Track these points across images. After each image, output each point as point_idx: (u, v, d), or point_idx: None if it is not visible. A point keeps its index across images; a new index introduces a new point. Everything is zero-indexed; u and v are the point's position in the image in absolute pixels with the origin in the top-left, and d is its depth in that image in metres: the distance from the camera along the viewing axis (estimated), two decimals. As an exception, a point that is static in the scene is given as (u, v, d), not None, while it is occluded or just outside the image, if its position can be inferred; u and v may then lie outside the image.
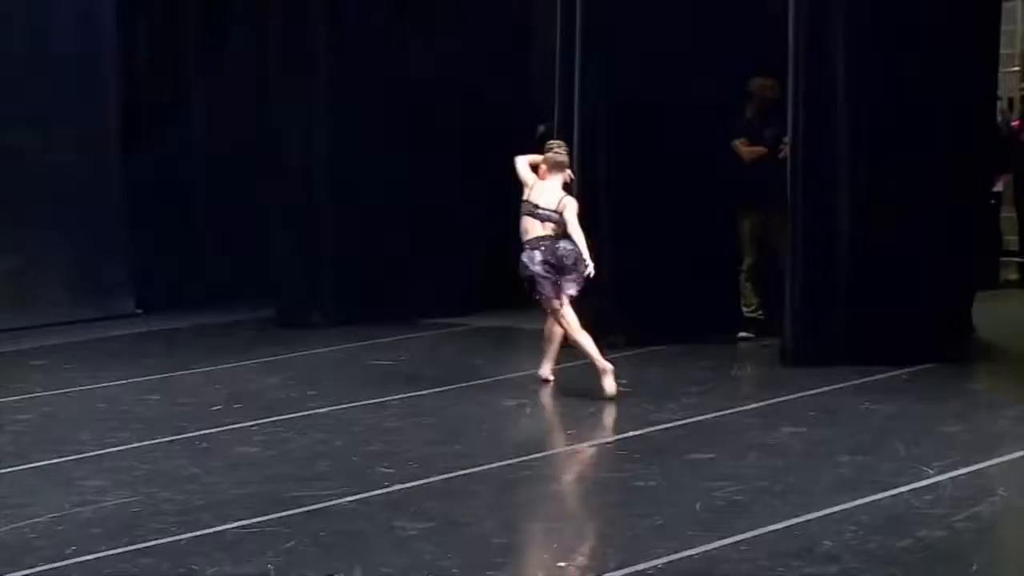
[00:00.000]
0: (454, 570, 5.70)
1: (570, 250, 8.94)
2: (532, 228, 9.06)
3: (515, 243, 12.72)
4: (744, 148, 10.85)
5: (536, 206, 9.07)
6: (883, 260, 9.76)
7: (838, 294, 9.83)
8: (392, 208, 12.35)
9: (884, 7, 9.74)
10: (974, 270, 11.06)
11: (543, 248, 8.97)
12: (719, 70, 10.78)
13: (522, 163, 9.31)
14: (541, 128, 13.29)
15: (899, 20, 9.73)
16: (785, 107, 10.20)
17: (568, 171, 9.26)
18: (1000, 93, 13.41)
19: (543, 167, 9.17)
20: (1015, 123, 14.86)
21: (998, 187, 13.79)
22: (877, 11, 9.73)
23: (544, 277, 8.93)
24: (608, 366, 8.89)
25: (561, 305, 8.96)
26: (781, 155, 10.49)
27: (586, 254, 8.90)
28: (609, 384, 8.82)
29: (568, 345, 9.24)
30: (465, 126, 12.63)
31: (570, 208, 9.00)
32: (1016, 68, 15.95)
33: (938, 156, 9.90)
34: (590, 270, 8.92)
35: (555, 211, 9.00)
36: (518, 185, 12.53)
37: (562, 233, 8.96)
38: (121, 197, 12.97)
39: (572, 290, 8.98)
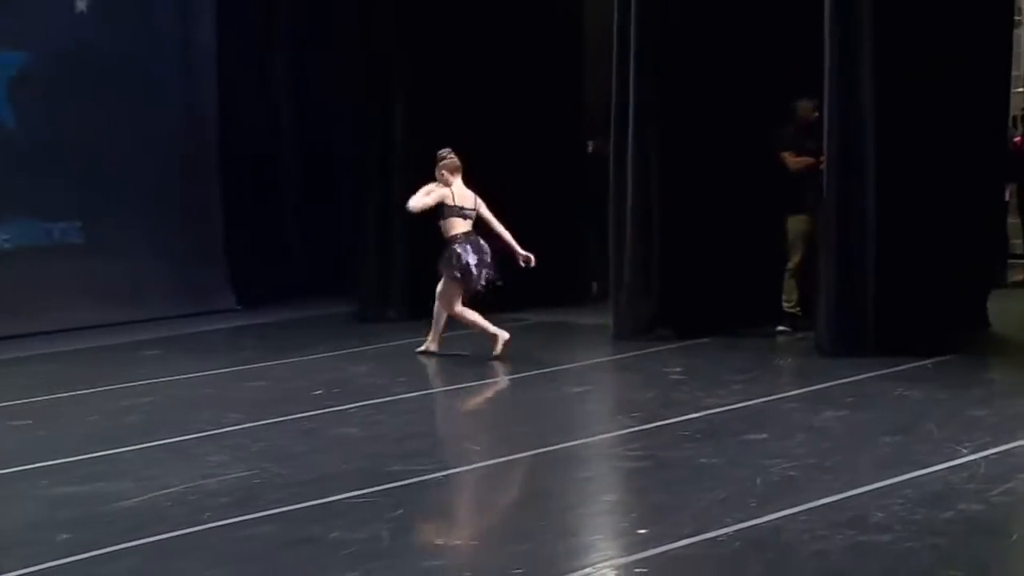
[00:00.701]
0: (545, 537, 5.76)
1: (486, 245, 9.87)
2: (458, 226, 9.84)
3: (563, 245, 12.92)
4: (791, 159, 10.87)
5: (463, 208, 9.89)
6: (908, 260, 9.72)
7: (867, 292, 9.77)
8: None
9: (908, 33, 9.70)
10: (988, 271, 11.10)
11: (472, 243, 9.81)
12: (762, 87, 10.82)
13: (419, 196, 10.00)
14: (590, 145, 13.42)
15: (922, 44, 9.70)
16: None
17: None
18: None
19: (446, 174, 9.93)
20: (1017, 139, 14.79)
21: (1005, 196, 13.76)
22: (902, 37, 9.68)
23: (476, 266, 9.73)
24: (504, 333, 9.79)
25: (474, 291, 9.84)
26: (822, 166, 10.54)
27: (517, 246, 9.98)
28: (500, 348, 9.74)
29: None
30: (520, 139, 12.65)
31: (482, 205, 9.95)
32: (1021, 89, 15.88)
33: (957, 167, 9.91)
34: (532, 261, 9.98)
35: (473, 209, 9.90)
36: (559, 193, 12.76)
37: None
38: (219, 204, 13.10)
39: (488, 279, 9.86)
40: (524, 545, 5.58)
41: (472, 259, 9.74)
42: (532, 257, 9.98)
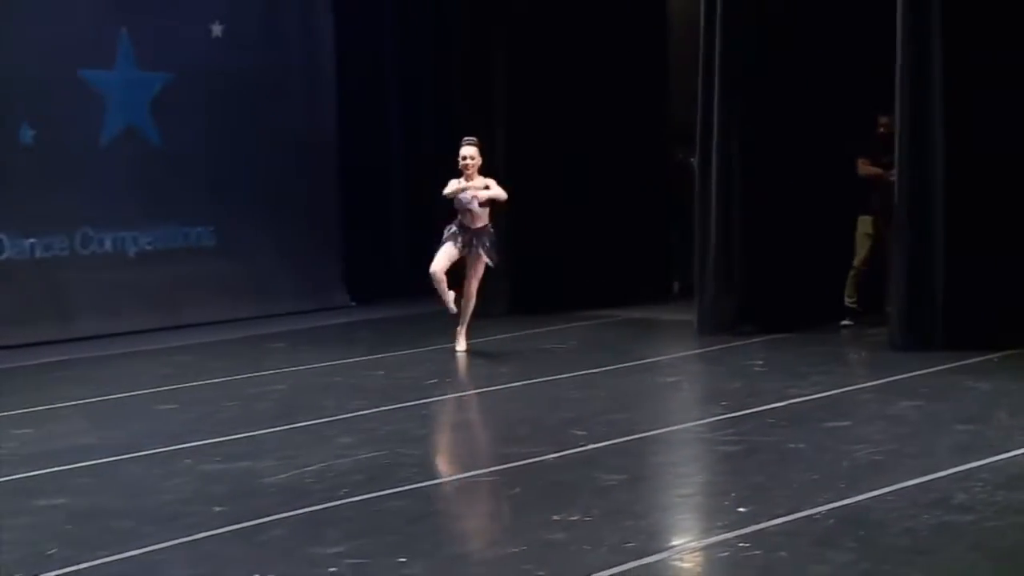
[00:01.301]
0: (654, 513, 5.80)
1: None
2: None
3: (647, 248, 12.92)
4: (864, 166, 10.82)
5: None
6: (974, 261, 9.62)
7: (936, 289, 9.69)
8: (553, 219, 12.48)
9: (974, 51, 9.62)
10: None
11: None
12: (835, 102, 10.76)
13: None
14: (680, 155, 13.42)
15: (988, 56, 9.59)
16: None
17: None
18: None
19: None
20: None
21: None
22: (970, 53, 9.61)
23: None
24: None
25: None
26: (892, 178, 10.50)
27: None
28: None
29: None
30: (609, 149, 12.65)
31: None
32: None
33: (1018, 171, 9.81)
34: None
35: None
36: (643, 199, 12.75)
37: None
38: (337, 209, 13.23)
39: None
40: (634, 521, 5.60)
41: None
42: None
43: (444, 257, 9.76)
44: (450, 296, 9.80)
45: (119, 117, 11.81)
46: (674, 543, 5.18)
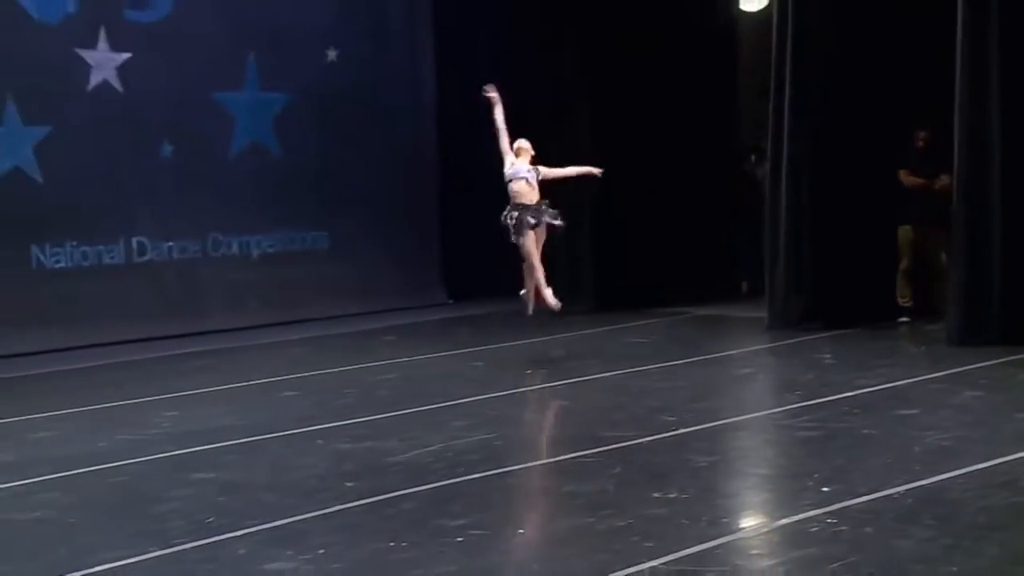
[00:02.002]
0: (744, 492, 5.83)
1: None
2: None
3: (719, 250, 12.89)
4: (906, 177, 10.77)
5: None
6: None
7: (992, 288, 9.56)
8: (633, 225, 12.50)
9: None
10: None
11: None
12: (888, 117, 10.70)
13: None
14: (753, 159, 13.38)
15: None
16: (936, 150, 10.20)
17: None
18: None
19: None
20: None
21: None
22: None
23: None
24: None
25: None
26: (937, 187, 10.44)
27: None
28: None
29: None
30: (682, 159, 12.63)
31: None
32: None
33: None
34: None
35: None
36: (715, 205, 12.72)
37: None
38: (436, 215, 13.32)
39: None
40: (726, 499, 5.66)
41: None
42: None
43: (531, 245, 9.26)
44: (531, 300, 9.54)
45: (245, 133, 12.01)
46: (767, 519, 5.19)
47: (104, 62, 10.95)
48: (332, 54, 12.43)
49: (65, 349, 10.47)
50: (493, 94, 9.36)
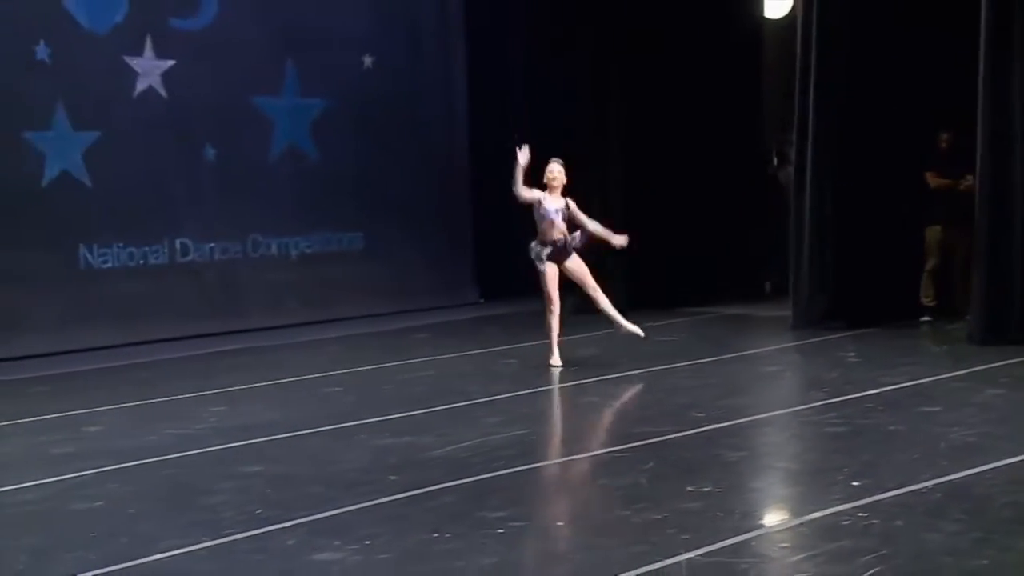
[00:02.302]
0: (775, 486, 5.84)
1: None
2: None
3: (742, 251, 12.88)
4: (932, 179, 10.76)
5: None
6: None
7: (1013, 288, 9.58)
8: (660, 227, 12.48)
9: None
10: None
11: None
12: (912, 121, 10.68)
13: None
14: (775, 162, 13.40)
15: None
16: (960, 152, 10.18)
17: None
18: None
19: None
20: None
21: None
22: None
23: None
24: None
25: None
26: (963, 187, 10.42)
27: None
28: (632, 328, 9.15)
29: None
30: (707, 163, 12.64)
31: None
32: None
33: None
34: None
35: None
36: (739, 207, 12.68)
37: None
38: (468, 217, 13.37)
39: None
40: (758, 492, 5.68)
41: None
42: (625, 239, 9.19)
43: (552, 281, 9.05)
44: (556, 346, 9.13)
45: (284, 138, 12.05)
46: (799, 512, 5.21)
47: (150, 69, 11.04)
48: (368, 61, 12.48)
49: (112, 346, 10.58)
50: (523, 155, 8.97)
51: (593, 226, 9.15)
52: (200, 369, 9.81)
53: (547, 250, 9.01)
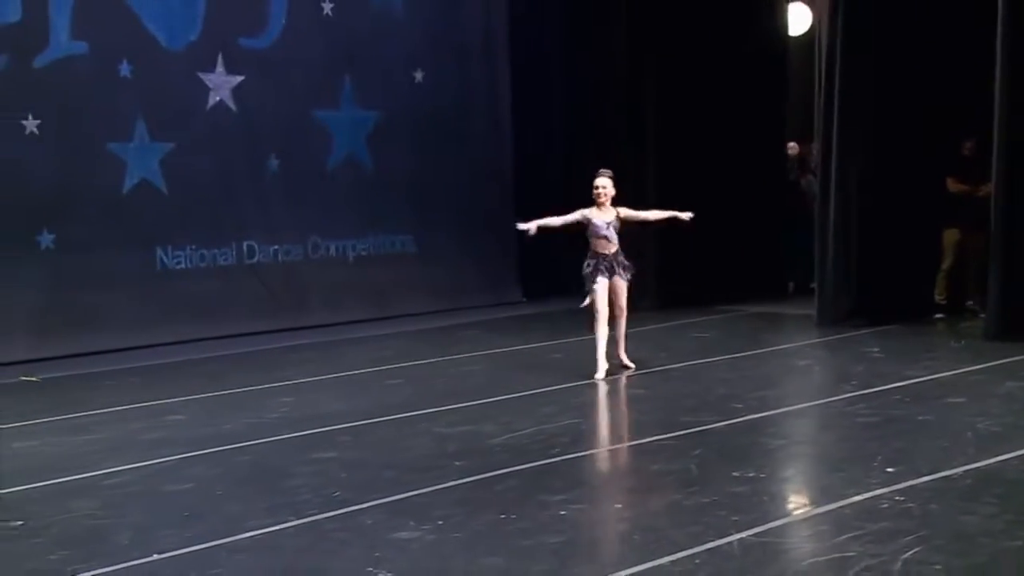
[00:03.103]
0: (815, 472, 5.85)
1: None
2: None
3: (767, 253, 12.85)
4: (953, 184, 10.75)
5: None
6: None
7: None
8: (691, 230, 12.45)
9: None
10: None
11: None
12: (934, 129, 10.66)
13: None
14: (795, 170, 13.39)
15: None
16: (982, 159, 10.09)
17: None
18: None
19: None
20: None
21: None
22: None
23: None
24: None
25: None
26: (981, 193, 10.40)
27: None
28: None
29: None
30: (734, 170, 12.62)
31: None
32: None
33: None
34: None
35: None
36: (764, 212, 12.63)
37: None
38: (512, 221, 13.32)
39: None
40: (801, 478, 5.73)
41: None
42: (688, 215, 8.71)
43: (603, 298, 8.47)
44: (602, 354, 8.47)
45: (342, 148, 12.13)
46: (840, 496, 5.24)
47: (221, 84, 11.18)
48: (419, 76, 12.55)
49: (186, 341, 10.71)
50: (531, 227, 8.48)
51: (655, 215, 8.85)
52: (268, 363, 9.90)
53: (599, 266, 8.45)
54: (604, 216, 8.52)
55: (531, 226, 8.44)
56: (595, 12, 13.11)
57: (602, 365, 8.45)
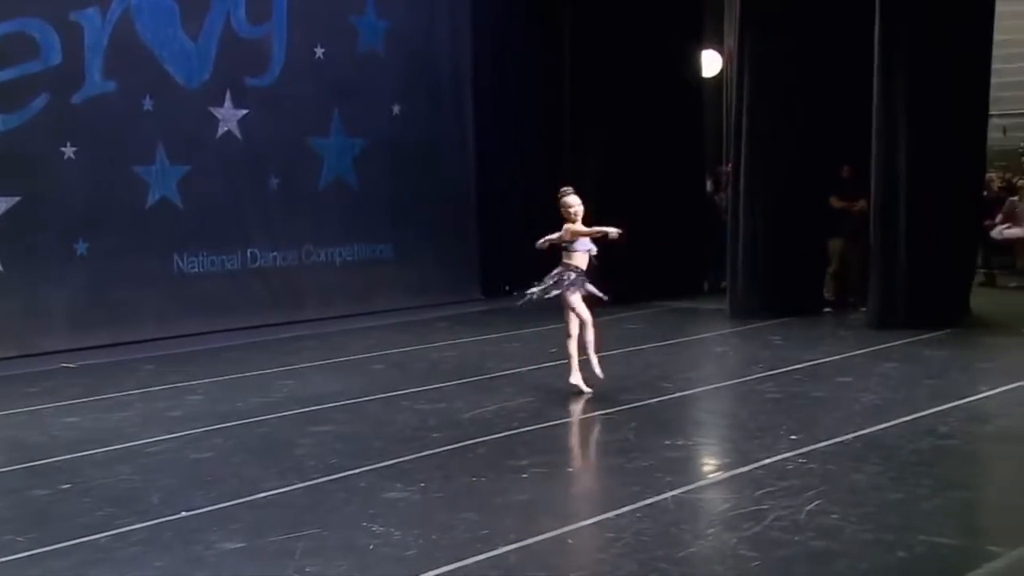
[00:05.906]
0: (737, 439, 5.90)
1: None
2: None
3: (686, 256, 12.84)
4: (835, 201, 10.95)
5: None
6: (926, 262, 9.64)
7: (900, 287, 9.75)
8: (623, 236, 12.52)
9: (932, 104, 9.54)
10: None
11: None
12: (820, 154, 10.83)
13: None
14: (709, 185, 13.46)
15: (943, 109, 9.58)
16: (857, 180, 10.32)
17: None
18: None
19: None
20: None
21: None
22: (927, 108, 9.54)
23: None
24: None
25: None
26: (856, 209, 10.59)
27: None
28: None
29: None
30: (657, 186, 12.54)
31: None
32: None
33: (955, 195, 9.76)
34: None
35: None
36: (683, 220, 12.61)
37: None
38: (475, 231, 13.33)
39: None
40: (727, 444, 5.80)
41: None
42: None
43: (580, 303, 7.35)
44: (577, 370, 7.26)
45: (332, 170, 12.01)
46: (754, 459, 5.33)
47: (229, 116, 11.08)
48: (396, 109, 12.47)
49: (200, 333, 10.60)
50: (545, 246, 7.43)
51: (592, 231, 7.66)
52: (271, 351, 9.80)
53: (576, 280, 7.33)
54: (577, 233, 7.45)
55: (544, 243, 7.65)
56: (543, 53, 13.16)
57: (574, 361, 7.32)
